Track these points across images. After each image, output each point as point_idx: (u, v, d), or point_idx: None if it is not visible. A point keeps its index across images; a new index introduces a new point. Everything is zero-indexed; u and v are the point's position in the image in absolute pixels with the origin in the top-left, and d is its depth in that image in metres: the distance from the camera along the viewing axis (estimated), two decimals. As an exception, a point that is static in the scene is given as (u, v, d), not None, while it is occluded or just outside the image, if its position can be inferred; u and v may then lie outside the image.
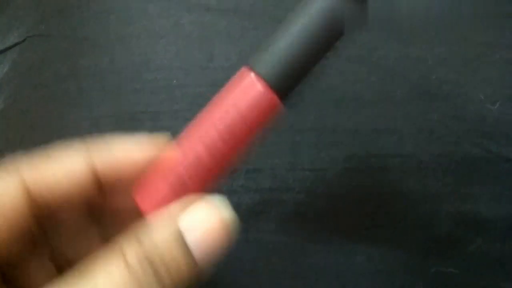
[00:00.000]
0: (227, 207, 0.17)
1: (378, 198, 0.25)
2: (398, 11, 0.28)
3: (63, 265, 0.19)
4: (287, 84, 0.18)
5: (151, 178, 0.18)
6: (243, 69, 0.18)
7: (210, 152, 0.17)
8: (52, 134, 0.28)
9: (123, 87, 0.27)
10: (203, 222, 0.16)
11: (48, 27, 0.30)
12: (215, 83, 0.27)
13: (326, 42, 0.18)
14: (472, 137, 0.26)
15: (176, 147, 0.18)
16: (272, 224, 0.25)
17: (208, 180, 0.18)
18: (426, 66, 0.27)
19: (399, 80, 0.27)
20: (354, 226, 0.25)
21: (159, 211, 0.17)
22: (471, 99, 0.27)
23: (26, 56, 0.30)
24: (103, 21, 0.29)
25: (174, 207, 0.16)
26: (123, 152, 0.18)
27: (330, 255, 0.25)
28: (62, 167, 0.17)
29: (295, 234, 0.25)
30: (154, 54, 0.28)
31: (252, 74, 0.18)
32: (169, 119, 0.27)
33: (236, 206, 0.25)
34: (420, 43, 0.28)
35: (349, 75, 0.27)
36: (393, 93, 0.27)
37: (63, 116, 0.28)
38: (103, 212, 0.19)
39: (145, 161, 0.18)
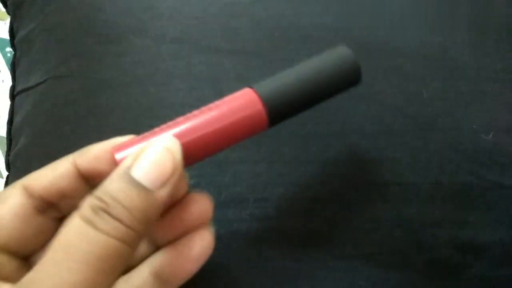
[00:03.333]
0: (171, 138, 0.19)
1: (378, 225, 0.26)
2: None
3: None
4: (280, 112, 0.20)
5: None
6: (246, 89, 0.20)
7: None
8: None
9: (139, 123, 0.28)
10: (147, 157, 0.17)
11: (68, 68, 0.31)
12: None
13: (327, 88, 0.20)
14: (468, 166, 0.27)
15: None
16: (280, 250, 0.26)
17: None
18: (422, 99, 0.28)
19: (396, 113, 0.28)
20: (357, 252, 0.26)
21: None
22: (466, 130, 0.27)
23: (48, 96, 0.31)
24: (120, 62, 0.30)
25: (126, 159, 0.18)
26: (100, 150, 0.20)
27: (334, 279, 0.25)
28: (53, 169, 0.21)
29: (301, 260, 0.26)
30: (167, 93, 0.29)
31: (254, 93, 0.20)
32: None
33: (246, 234, 0.26)
34: (416, 78, 0.28)
35: (349, 109, 0.28)
36: (391, 126, 0.27)
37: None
38: None
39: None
